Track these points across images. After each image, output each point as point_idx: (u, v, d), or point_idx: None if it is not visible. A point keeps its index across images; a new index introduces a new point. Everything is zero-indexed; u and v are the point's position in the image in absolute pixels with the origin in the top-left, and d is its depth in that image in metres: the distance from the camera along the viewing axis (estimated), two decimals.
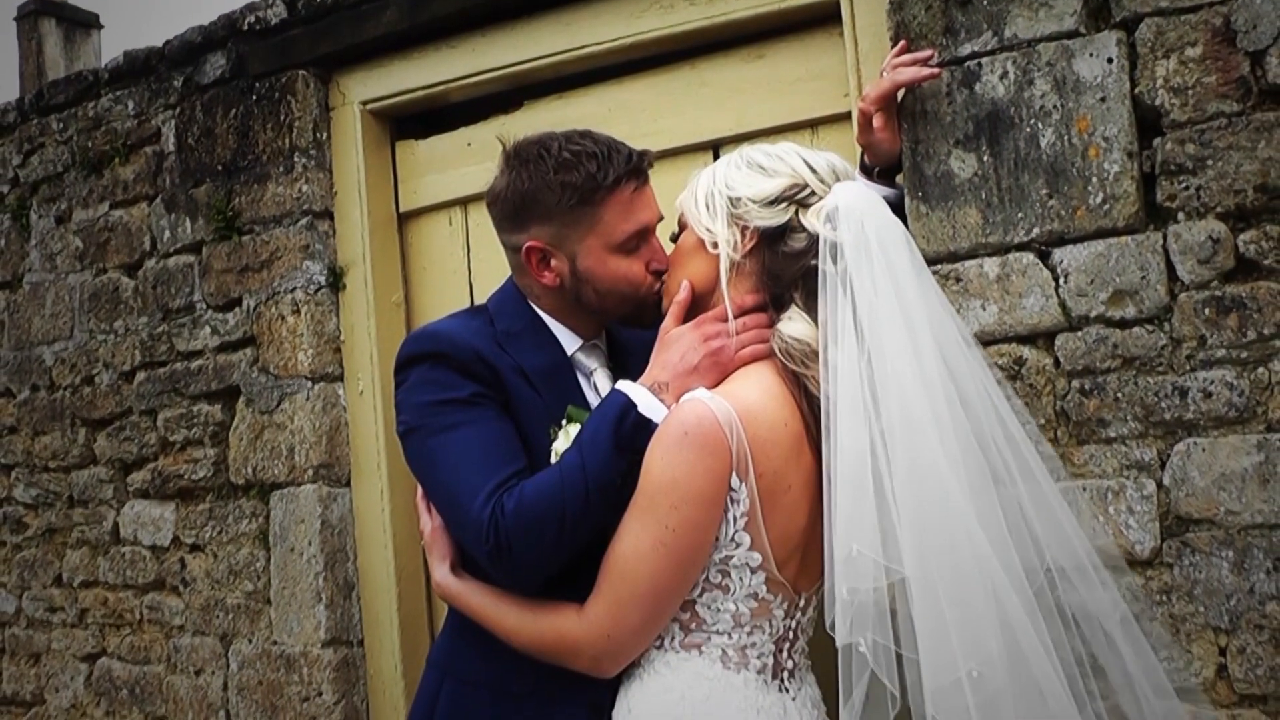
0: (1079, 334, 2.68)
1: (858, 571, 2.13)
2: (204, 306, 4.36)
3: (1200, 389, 2.57)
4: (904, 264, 2.30)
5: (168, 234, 4.47)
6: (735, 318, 2.38)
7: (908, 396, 2.18)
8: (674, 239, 2.57)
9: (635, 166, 2.52)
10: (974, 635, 2.08)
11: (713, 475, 2.18)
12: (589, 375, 2.64)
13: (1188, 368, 2.59)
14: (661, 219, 2.60)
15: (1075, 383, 2.68)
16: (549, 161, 2.49)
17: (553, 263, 2.54)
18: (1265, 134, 2.53)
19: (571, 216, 2.50)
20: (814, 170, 2.40)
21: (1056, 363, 2.70)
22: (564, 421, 2.44)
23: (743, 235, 2.38)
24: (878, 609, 2.13)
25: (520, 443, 2.43)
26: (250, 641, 4.22)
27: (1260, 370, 2.53)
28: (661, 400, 2.33)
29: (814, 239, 2.32)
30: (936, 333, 2.27)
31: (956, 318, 2.40)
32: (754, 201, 2.37)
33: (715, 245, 2.40)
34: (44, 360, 4.87)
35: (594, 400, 2.54)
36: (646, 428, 2.28)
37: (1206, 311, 2.57)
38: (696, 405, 2.21)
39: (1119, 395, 2.63)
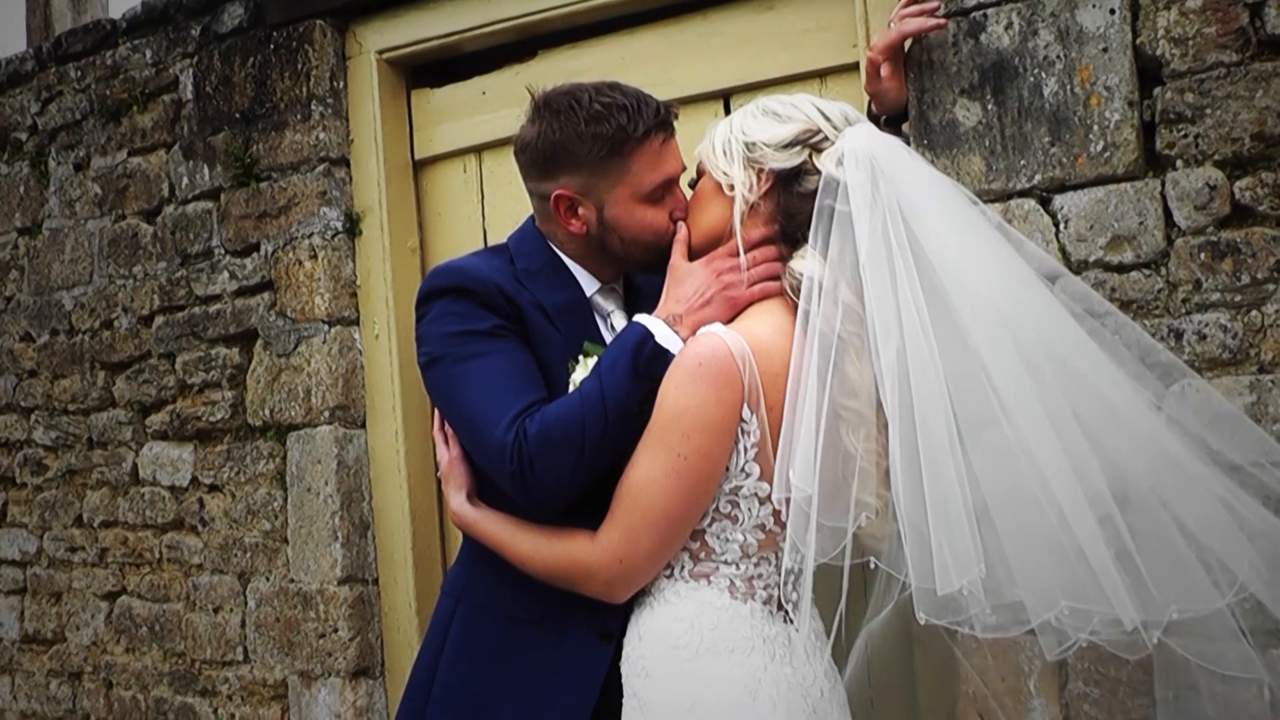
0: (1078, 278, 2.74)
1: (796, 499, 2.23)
2: (222, 252, 4.42)
3: (1195, 331, 2.63)
4: (926, 202, 2.32)
5: (186, 181, 4.53)
6: (746, 253, 2.42)
7: (910, 334, 2.23)
8: (692, 185, 2.60)
9: (663, 119, 2.55)
10: (961, 556, 2.15)
11: (725, 405, 2.24)
12: (606, 317, 2.67)
13: (1183, 311, 2.65)
14: (685, 169, 2.64)
15: None
16: (580, 113, 2.50)
17: (580, 211, 2.57)
18: (1263, 84, 2.58)
19: (601, 167, 2.52)
20: (827, 117, 2.42)
21: None
22: (581, 355, 2.48)
23: (758, 178, 2.41)
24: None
25: (540, 374, 2.48)
26: (268, 579, 4.30)
27: (1253, 313, 2.59)
28: (676, 332, 2.38)
29: (827, 180, 2.35)
30: (979, 266, 2.31)
31: (1009, 248, 2.44)
32: (769, 145, 2.40)
33: (731, 188, 2.43)
34: (63, 305, 4.93)
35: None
36: (663, 357, 2.33)
37: (1202, 256, 2.63)
38: (711, 338, 2.27)
39: (1116, 338, 2.70)
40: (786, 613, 2.42)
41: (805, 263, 2.35)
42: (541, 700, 2.54)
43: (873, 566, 2.26)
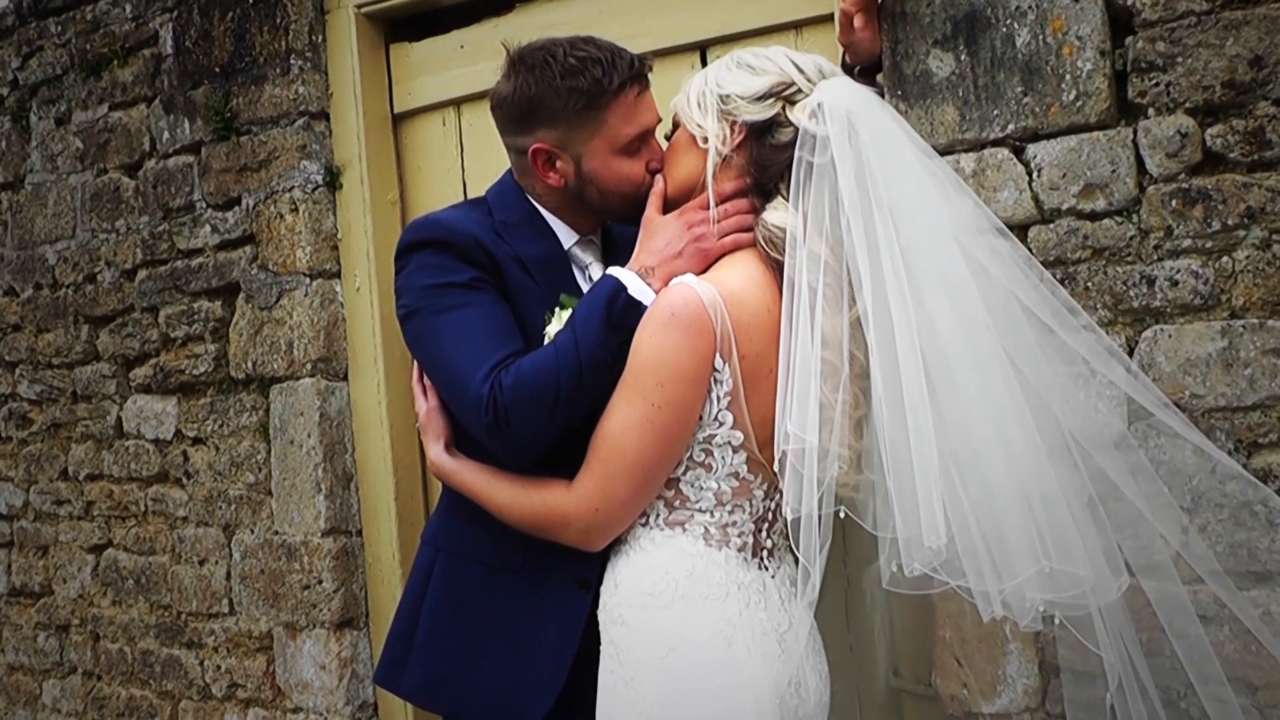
0: (1051, 226, 2.75)
1: (794, 450, 2.24)
2: (204, 205, 4.42)
3: (1167, 278, 2.64)
4: (898, 155, 2.35)
5: (167, 135, 4.52)
6: (717, 206, 2.44)
7: (882, 286, 2.25)
8: (668, 138, 2.63)
9: (638, 71, 2.57)
10: (923, 505, 2.19)
11: (697, 355, 2.26)
12: (584, 269, 2.70)
13: (1155, 258, 2.65)
14: (660, 121, 2.65)
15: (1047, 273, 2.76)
16: (555, 67, 2.52)
17: (558, 164, 2.59)
18: (1233, 32, 2.58)
19: (577, 120, 2.54)
20: (801, 70, 2.44)
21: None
22: (557, 308, 2.51)
23: (731, 130, 2.43)
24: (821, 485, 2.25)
25: (517, 326, 2.50)
26: (252, 532, 4.32)
27: (1224, 259, 2.60)
28: (648, 284, 2.40)
29: (800, 133, 2.37)
30: (945, 218, 2.33)
31: (967, 201, 2.45)
32: (742, 98, 2.42)
33: (705, 140, 2.45)
34: (47, 259, 4.93)
35: None
36: (636, 309, 2.36)
37: (1173, 203, 2.63)
38: (683, 289, 2.29)
39: (1089, 285, 2.70)
40: (761, 559, 2.47)
41: (778, 214, 2.38)
42: (522, 648, 2.58)
43: (843, 516, 2.29)
